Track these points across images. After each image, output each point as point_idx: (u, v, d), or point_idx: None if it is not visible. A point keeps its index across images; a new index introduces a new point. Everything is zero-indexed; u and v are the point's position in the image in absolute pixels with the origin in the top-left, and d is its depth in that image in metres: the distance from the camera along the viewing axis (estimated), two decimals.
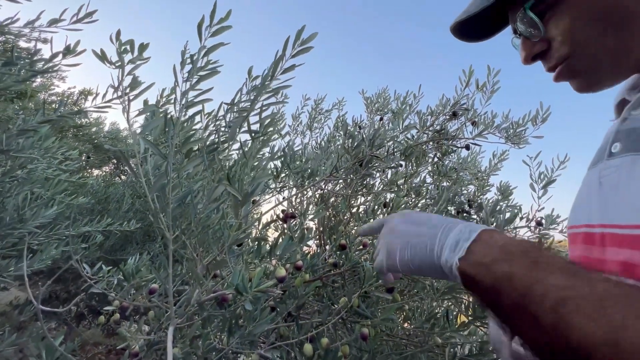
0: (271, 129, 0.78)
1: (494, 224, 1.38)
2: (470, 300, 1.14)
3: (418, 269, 0.39)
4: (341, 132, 1.79)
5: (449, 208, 1.85)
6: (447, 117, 1.51)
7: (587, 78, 0.40)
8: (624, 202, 0.33)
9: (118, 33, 0.87)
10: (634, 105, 0.37)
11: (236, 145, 0.97)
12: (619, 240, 0.33)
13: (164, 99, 1.15)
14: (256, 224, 1.34)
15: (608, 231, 0.34)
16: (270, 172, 1.27)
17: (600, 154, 0.40)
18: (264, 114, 0.79)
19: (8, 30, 0.91)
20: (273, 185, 1.35)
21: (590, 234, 0.36)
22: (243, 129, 0.80)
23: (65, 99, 4.43)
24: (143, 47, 0.91)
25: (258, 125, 0.79)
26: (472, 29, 0.47)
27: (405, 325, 1.44)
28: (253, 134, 0.79)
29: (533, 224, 1.50)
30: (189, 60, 0.83)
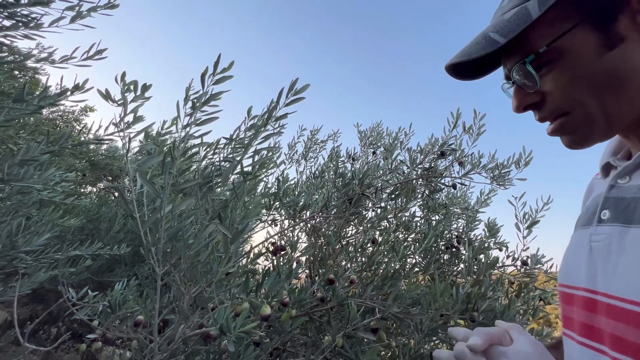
0: (262, 171, 0.82)
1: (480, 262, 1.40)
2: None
3: None
4: (334, 164, 1.84)
5: (438, 242, 1.88)
6: (436, 156, 1.57)
7: (580, 135, 0.41)
8: (616, 273, 0.34)
9: (123, 75, 0.93)
10: (620, 173, 0.38)
11: (230, 181, 1.01)
12: (609, 310, 0.34)
13: (164, 131, 1.20)
14: (246, 255, 1.35)
15: (602, 299, 0.35)
16: (262, 205, 1.30)
17: (589, 217, 0.41)
18: (257, 157, 0.84)
19: (23, 65, 0.96)
20: (265, 219, 1.38)
21: (592, 300, 0.36)
22: (236, 171, 0.85)
23: (66, 117, 4.48)
24: (146, 87, 0.97)
25: (251, 167, 0.84)
26: (464, 68, 0.47)
27: None
28: (245, 176, 0.84)
29: (519, 263, 1.53)
30: (190, 101, 0.89)
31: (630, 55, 0.36)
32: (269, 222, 1.43)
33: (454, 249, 1.80)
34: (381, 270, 1.32)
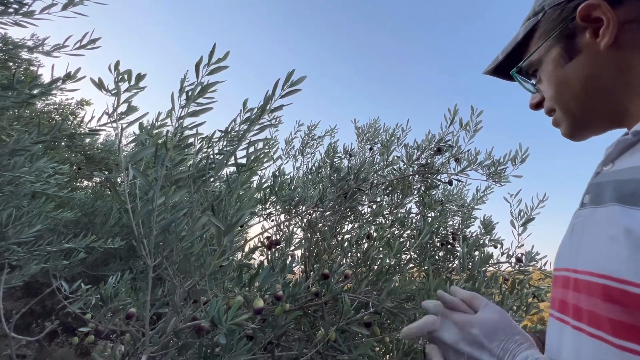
0: (257, 164, 0.81)
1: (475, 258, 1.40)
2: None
3: None
4: (330, 159, 1.83)
5: (433, 238, 1.88)
6: (433, 152, 1.57)
7: (564, 128, 0.49)
8: (582, 249, 0.37)
9: (117, 64, 0.92)
10: (604, 161, 0.41)
11: (224, 173, 1.00)
12: (575, 284, 0.37)
13: (159, 122, 1.19)
14: (241, 249, 1.35)
15: (572, 275, 0.39)
16: (257, 199, 1.30)
17: (578, 205, 0.45)
18: (251, 149, 0.83)
19: (15, 53, 0.95)
20: (260, 212, 1.37)
21: (566, 278, 0.40)
22: (230, 162, 0.84)
23: (62, 110, 4.43)
24: (140, 77, 0.96)
25: (245, 159, 0.83)
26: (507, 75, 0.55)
27: (387, 357, 1.43)
28: (239, 168, 0.83)
29: (513, 260, 1.54)
30: (185, 93, 0.88)
31: (584, 65, 0.43)
32: (265, 216, 1.42)
33: (449, 246, 1.80)
34: (376, 266, 1.32)
